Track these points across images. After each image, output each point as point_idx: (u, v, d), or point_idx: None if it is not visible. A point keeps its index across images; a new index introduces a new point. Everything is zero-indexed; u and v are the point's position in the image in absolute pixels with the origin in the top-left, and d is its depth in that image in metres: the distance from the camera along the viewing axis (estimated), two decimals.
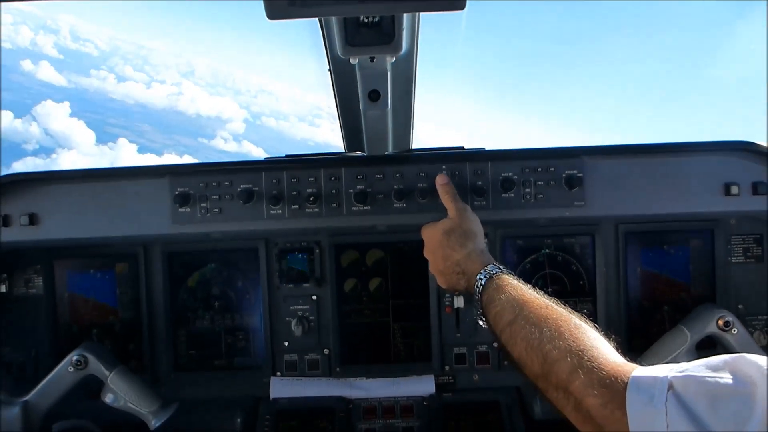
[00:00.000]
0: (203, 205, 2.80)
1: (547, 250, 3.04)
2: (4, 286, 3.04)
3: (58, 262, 3.06)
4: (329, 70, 2.94)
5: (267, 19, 1.66)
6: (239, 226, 2.83)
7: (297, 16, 1.75)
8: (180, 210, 2.80)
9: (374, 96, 2.77)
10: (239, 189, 2.78)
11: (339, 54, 2.28)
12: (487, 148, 2.90)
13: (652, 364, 2.42)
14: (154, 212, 2.82)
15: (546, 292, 2.97)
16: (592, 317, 3.01)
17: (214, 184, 2.80)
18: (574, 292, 3.04)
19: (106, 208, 2.82)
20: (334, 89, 3.04)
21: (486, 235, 2.98)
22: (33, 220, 2.80)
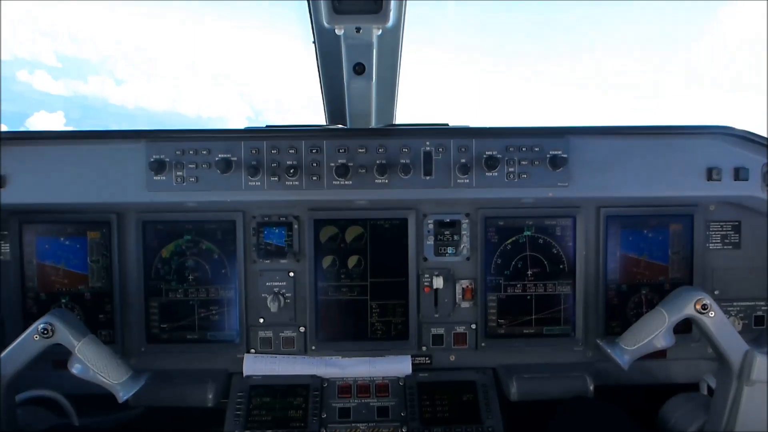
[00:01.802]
0: (179, 173, 2.73)
1: (528, 233, 3.02)
2: None
3: (27, 227, 2.95)
4: (313, 42, 2.87)
5: None
6: (216, 197, 2.76)
7: None
8: (155, 177, 2.72)
9: (359, 69, 2.71)
10: (217, 158, 2.71)
11: (325, 22, 2.21)
12: (471, 125, 2.86)
13: (630, 345, 2.44)
14: (128, 179, 2.74)
15: (526, 275, 3.02)
16: (571, 299, 3.02)
17: (191, 152, 2.73)
18: (554, 274, 3.04)
19: (79, 172, 2.73)
20: (317, 61, 2.98)
21: (467, 215, 2.96)
22: (1, 182, 2.70)
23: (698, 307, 2.38)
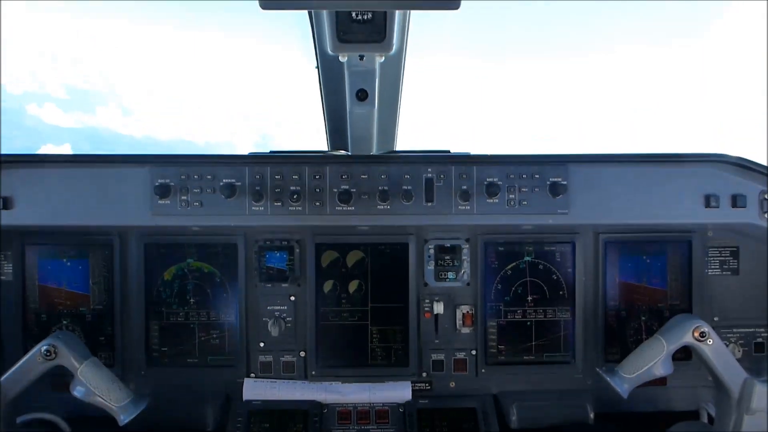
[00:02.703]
0: (184, 197, 2.76)
1: (528, 258, 3.05)
2: None
3: (30, 248, 2.97)
4: (317, 67, 2.93)
5: (260, 9, 1.66)
6: (220, 221, 2.79)
7: (290, 8, 1.74)
8: (160, 201, 2.76)
9: (362, 95, 2.77)
10: (221, 183, 2.74)
11: (329, 50, 2.27)
12: (472, 153, 2.91)
13: (629, 373, 2.45)
14: (133, 202, 2.77)
15: (526, 301, 3.03)
16: (571, 325, 3.03)
17: (195, 176, 2.76)
18: (554, 300, 3.05)
19: (84, 195, 2.76)
20: (320, 87, 3.04)
21: (468, 240, 2.99)
22: (7, 203, 2.73)
23: (696, 335, 2.40)
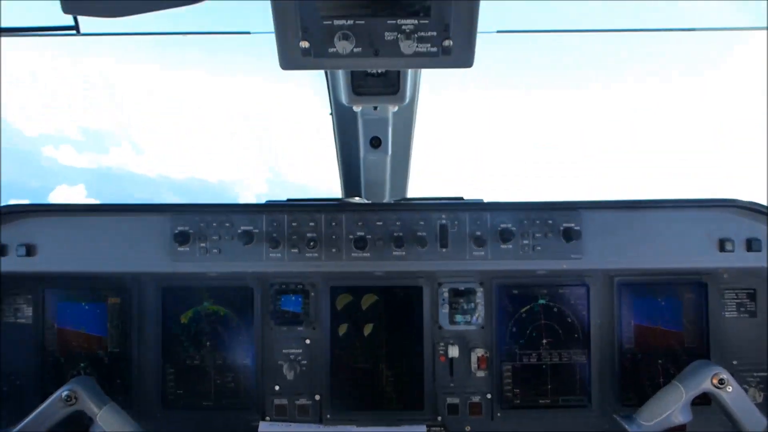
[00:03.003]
0: (203, 244, 2.82)
1: (542, 301, 3.05)
2: None
3: (50, 292, 3.03)
4: (331, 114, 3.01)
5: (280, 68, 1.73)
6: (238, 268, 2.84)
7: (310, 68, 1.81)
8: (179, 248, 2.81)
9: (375, 142, 2.84)
10: (239, 230, 2.80)
11: (344, 102, 2.34)
12: (485, 200, 2.95)
13: (648, 420, 2.43)
14: (152, 249, 2.83)
15: (541, 344, 3.02)
16: (587, 368, 3.01)
17: (214, 224, 2.82)
18: (569, 343, 3.04)
19: (106, 242, 2.83)
20: (335, 134, 3.11)
21: (482, 283, 3.00)
22: (30, 251, 2.80)
23: (715, 382, 2.39)
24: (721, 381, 2.37)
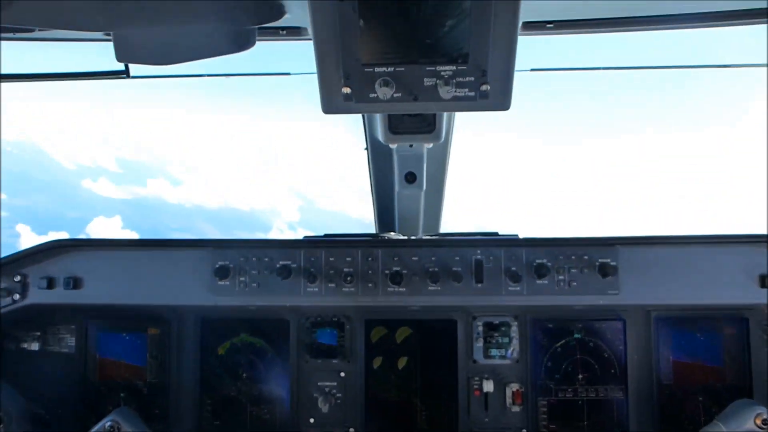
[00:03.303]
0: (242, 278, 2.88)
1: (578, 335, 3.03)
2: (37, 343, 3.11)
3: (92, 323, 3.11)
4: (366, 149, 3.08)
5: (322, 113, 1.79)
6: (276, 301, 2.90)
7: (351, 112, 1.87)
8: (219, 282, 2.88)
9: (410, 178, 2.89)
10: (278, 265, 2.86)
11: (381, 140, 2.40)
12: (520, 235, 2.97)
13: None
14: (193, 283, 2.91)
15: (577, 378, 3.00)
16: (624, 405, 2.97)
17: (253, 258, 2.89)
18: (606, 378, 3.00)
19: (148, 276, 2.92)
20: (369, 169, 3.17)
21: (516, 317, 3.01)
22: (76, 284, 2.90)
23: (758, 422, 2.34)
24: (765, 422, 2.32)
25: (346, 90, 1.62)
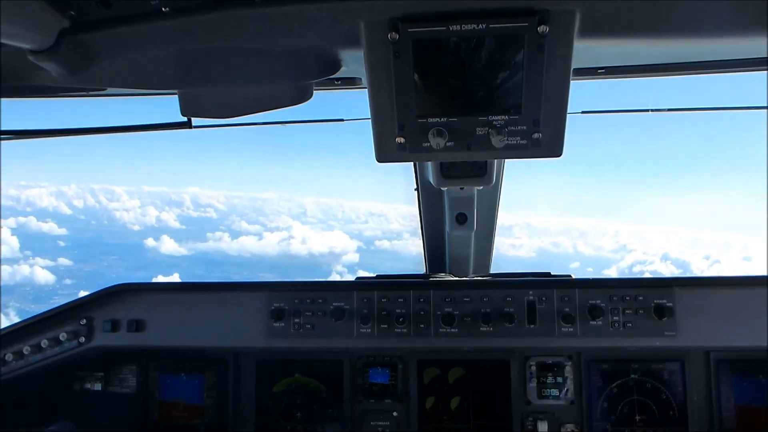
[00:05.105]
0: (297, 320, 2.94)
1: (634, 376, 2.97)
2: (99, 384, 3.22)
3: (153, 364, 3.21)
4: (416, 189, 3.13)
5: (376, 161, 1.85)
6: (330, 343, 2.94)
7: (404, 160, 1.92)
8: (275, 324, 2.95)
9: (461, 219, 2.93)
10: (332, 307, 2.91)
11: (433, 185, 2.45)
12: (573, 276, 2.95)
13: None
14: (250, 325, 2.98)
15: (634, 420, 2.93)
16: None
17: (308, 300, 2.95)
18: (664, 421, 2.93)
19: (207, 318, 3.01)
20: (420, 209, 3.22)
21: (570, 357, 2.97)
22: (139, 326, 3.01)
23: None
24: None
25: (400, 140, 1.67)
